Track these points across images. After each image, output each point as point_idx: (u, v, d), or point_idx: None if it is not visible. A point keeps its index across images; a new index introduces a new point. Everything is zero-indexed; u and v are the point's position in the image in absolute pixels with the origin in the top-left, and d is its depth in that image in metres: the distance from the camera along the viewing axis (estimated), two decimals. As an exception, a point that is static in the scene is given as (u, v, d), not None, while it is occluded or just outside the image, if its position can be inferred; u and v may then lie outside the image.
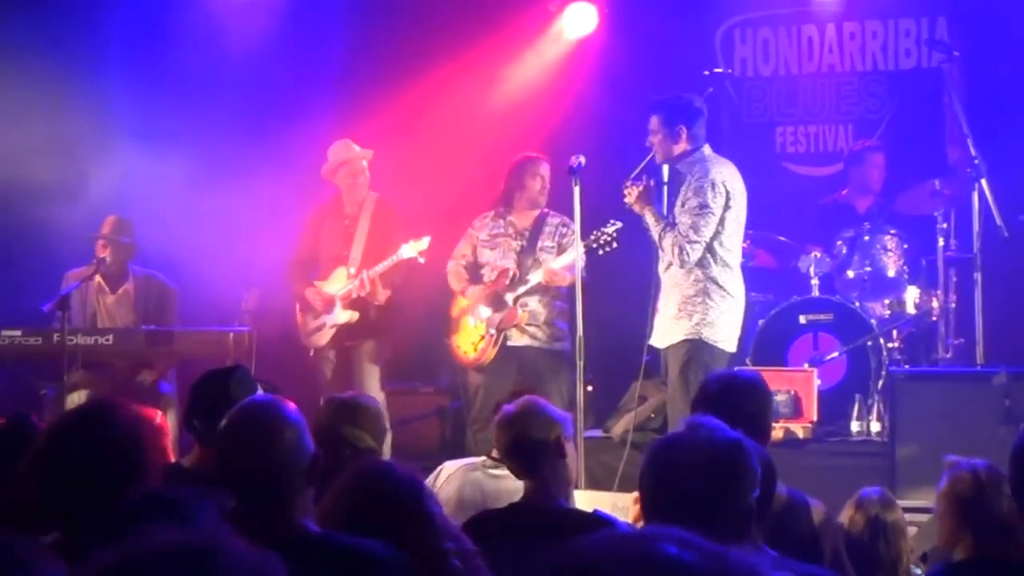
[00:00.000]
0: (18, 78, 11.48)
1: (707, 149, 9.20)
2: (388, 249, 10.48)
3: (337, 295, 10.54)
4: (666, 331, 9.16)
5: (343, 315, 10.54)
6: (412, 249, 10.31)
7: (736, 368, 8.93)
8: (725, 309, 9.04)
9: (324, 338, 10.66)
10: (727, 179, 9.03)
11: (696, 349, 8.96)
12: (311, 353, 10.78)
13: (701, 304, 8.97)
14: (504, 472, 6.28)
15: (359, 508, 3.93)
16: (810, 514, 5.73)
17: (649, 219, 9.08)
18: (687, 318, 8.99)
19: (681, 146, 9.10)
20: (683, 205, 8.98)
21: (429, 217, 10.94)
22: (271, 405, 4.42)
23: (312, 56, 12.57)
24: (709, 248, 8.97)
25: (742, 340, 9.60)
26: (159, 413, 6.29)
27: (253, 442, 4.25)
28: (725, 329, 9.07)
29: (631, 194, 9.11)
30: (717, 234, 8.97)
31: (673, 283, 9.12)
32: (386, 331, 10.68)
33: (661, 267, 9.25)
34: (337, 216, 10.81)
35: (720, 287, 9.00)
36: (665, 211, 9.15)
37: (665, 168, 9.23)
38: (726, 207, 8.97)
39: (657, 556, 1.95)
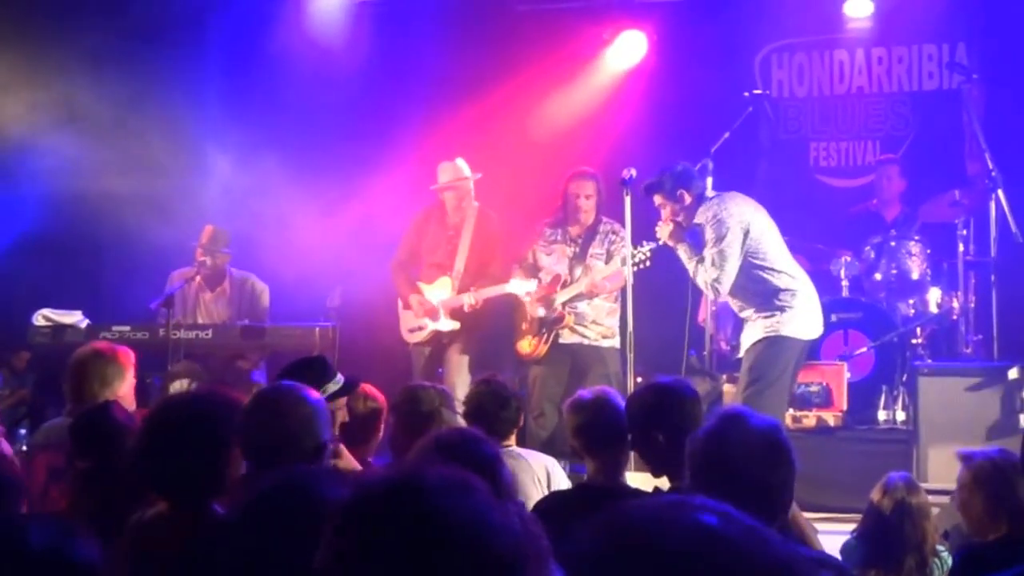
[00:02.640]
0: (135, 100, 11.59)
1: (709, 191, 9.06)
2: (489, 261, 10.56)
3: (441, 305, 10.59)
4: (748, 336, 8.98)
5: (446, 324, 10.53)
6: (520, 288, 10.25)
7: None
8: (797, 304, 8.80)
9: (422, 337, 10.69)
10: (734, 212, 8.84)
11: (776, 343, 8.74)
12: (409, 347, 10.82)
13: (777, 309, 8.76)
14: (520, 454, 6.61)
15: (445, 463, 4.06)
16: None
17: (682, 254, 9.01)
18: (764, 319, 8.80)
19: (688, 203, 8.93)
20: (707, 245, 8.90)
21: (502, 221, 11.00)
22: (291, 389, 4.61)
23: (397, 76, 12.66)
24: (760, 268, 8.80)
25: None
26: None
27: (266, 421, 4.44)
28: (802, 321, 8.83)
29: (663, 231, 9.04)
30: (755, 255, 8.80)
31: (740, 308, 9.05)
32: (475, 333, 10.69)
33: (729, 302, 9.21)
34: (441, 223, 10.79)
35: (787, 290, 8.79)
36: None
37: None
38: (746, 235, 8.79)
39: (698, 526, 1.91)
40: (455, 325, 10.54)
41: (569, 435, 5.99)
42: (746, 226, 8.78)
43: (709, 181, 9.23)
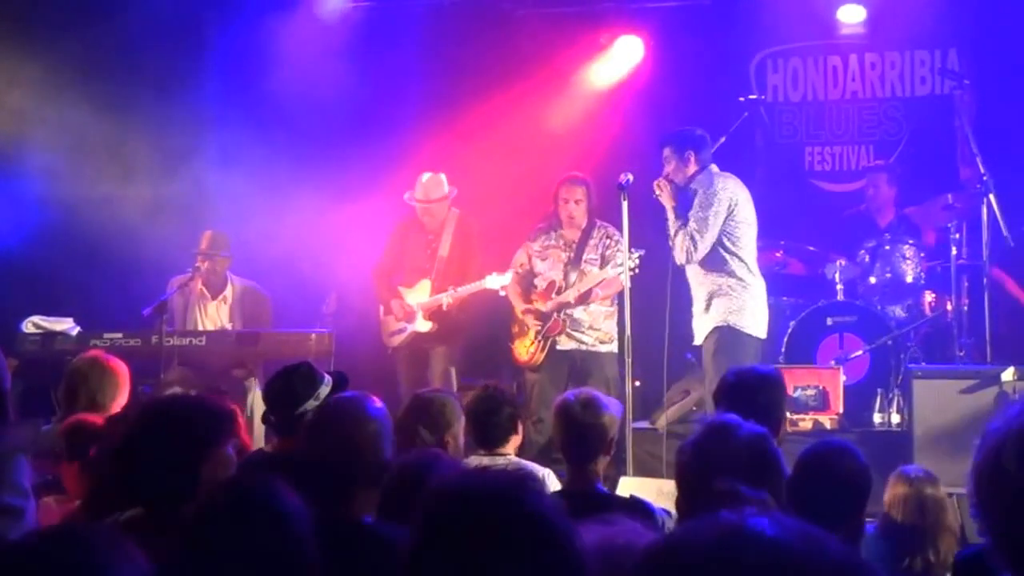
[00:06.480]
0: (128, 106, 11.48)
1: (714, 167, 9.46)
2: (468, 262, 10.58)
3: (419, 307, 10.51)
4: (700, 326, 9.40)
5: (423, 324, 10.57)
6: (495, 282, 10.30)
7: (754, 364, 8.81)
8: (747, 298, 9.27)
9: (402, 340, 10.65)
10: (729, 188, 9.31)
11: (724, 336, 9.18)
12: (390, 351, 10.74)
13: (724, 297, 9.25)
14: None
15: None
16: None
17: (670, 214, 9.34)
18: (713, 310, 9.25)
19: (691, 168, 9.41)
20: (693, 210, 9.24)
21: (494, 229, 10.92)
22: (356, 400, 4.64)
23: (392, 81, 12.58)
24: (725, 248, 9.25)
25: (776, 339, 9.59)
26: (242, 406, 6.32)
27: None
28: (750, 316, 9.27)
29: (663, 188, 9.37)
30: (729, 235, 9.24)
31: (698, 283, 9.39)
32: (458, 337, 10.65)
33: (688, 273, 9.38)
34: (420, 230, 10.85)
35: (739, 279, 9.26)
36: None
37: None
38: (730, 212, 9.22)
39: (756, 536, 1.84)
40: (432, 326, 10.55)
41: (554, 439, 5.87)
42: (733, 204, 9.24)
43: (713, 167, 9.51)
